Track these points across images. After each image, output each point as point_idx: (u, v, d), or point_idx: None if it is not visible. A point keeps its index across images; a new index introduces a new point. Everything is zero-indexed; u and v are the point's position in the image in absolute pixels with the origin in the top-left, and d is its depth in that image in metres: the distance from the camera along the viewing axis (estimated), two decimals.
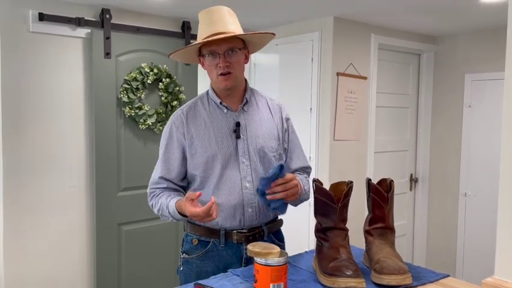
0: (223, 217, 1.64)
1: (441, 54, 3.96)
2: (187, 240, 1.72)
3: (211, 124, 1.67)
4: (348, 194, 1.43)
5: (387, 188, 1.47)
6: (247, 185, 1.65)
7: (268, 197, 1.50)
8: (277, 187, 1.50)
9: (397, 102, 3.93)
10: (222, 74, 1.61)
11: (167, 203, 1.63)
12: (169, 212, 1.62)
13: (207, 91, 1.75)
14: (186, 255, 1.71)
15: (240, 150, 1.65)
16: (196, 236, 1.68)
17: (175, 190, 1.70)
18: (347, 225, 1.45)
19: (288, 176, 1.53)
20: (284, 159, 1.76)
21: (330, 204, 1.41)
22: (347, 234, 1.44)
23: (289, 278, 1.34)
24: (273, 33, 1.67)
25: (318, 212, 1.47)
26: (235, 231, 1.65)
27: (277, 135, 1.73)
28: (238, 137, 1.65)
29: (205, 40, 1.57)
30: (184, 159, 1.68)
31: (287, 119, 1.80)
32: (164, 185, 1.69)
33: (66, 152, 2.89)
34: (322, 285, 1.33)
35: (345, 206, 1.43)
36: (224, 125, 1.67)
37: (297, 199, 1.62)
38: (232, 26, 1.61)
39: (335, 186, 1.50)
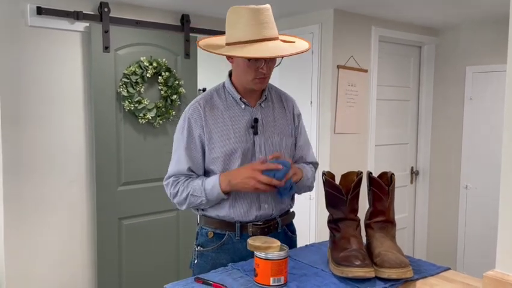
0: (239, 213, 1.64)
1: (443, 46, 3.93)
2: (202, 233, 1.72)
3: (229, 118, 1.65)
4: (357, 186, 1.45)
5: (388, 181, 1.47)
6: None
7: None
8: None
9: (398, 95, 3.91)
10: (259, 78, 1.60)
11: (202, 181, 1.61)
12: (204, 189, 1.60)
13: (223, 84, 1.72)
14: (201, 248, 1.70)
15: (256, 146, 1.66)
16: (212, 229, 1.68)
17: None
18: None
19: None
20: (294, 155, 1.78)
21: (339, 196, 1.44)
22: (358, 224, 1.46)
23: (289, 272, 1.34)
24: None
25: (329, 204, 1.50)
26: (250, 224, 1.65)
27: (290, 132, 1.75)
28: (255, 133, 1.65)
29: (266, 56, 1.52)
30: (204, 153, 1.66)
31: (298, 115, 1.81)
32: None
33: (66, 147, 2.89)
34: (333, 275, 1.35)
35: (355, 197, 1.45)
36: (242, 120, 1.66)
37: (299, 181, 1.66)
38: (276, 30, 1.59)
39: (345, 176, 1.53)
